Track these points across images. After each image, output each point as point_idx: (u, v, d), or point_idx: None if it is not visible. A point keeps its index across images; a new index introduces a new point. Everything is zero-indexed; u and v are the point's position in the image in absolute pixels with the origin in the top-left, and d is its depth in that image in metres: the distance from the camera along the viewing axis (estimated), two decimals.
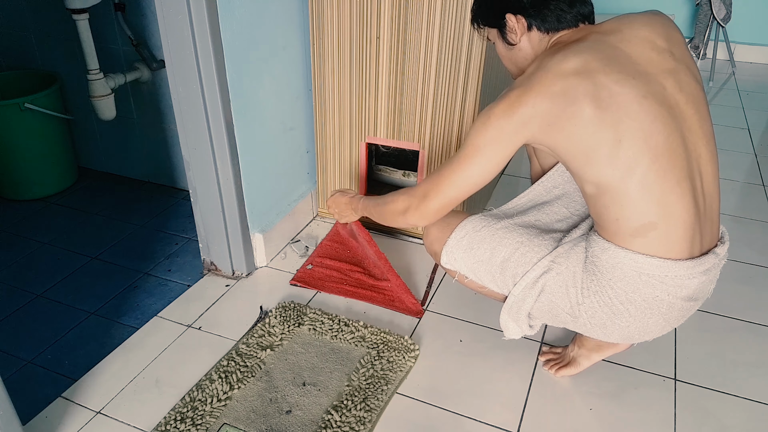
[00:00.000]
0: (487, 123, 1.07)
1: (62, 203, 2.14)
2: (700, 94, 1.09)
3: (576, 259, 1.15)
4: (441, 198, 1.17)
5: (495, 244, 1.24)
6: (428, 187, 1.19)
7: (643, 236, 1.05)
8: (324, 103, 1.79)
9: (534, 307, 1.22)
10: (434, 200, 1.18)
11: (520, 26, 1.13)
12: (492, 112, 1.07)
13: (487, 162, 1.10)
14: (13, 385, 1.36)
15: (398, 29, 1.60)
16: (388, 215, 1.32)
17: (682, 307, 1.11)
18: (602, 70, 1.01)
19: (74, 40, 2.00)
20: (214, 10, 1.37)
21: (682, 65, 1.07)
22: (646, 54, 1.05)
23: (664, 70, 1.05)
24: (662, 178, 1.02)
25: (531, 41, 1.13)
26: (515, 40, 1.14)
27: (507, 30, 1.14)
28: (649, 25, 1.09)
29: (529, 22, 1.12)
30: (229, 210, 1.63)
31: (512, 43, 1.15)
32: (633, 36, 1.06)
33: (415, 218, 1.23)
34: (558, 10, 1.09)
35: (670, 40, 1.08)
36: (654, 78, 1.03)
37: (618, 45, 1.05)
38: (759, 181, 2.31)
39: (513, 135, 1.06)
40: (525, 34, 1.13)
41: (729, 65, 3.67)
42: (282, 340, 1.47)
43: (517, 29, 1.13)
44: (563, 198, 1.31)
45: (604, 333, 1.18)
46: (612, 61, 1.02)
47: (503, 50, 1.20)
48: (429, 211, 1.20)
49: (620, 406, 1.32)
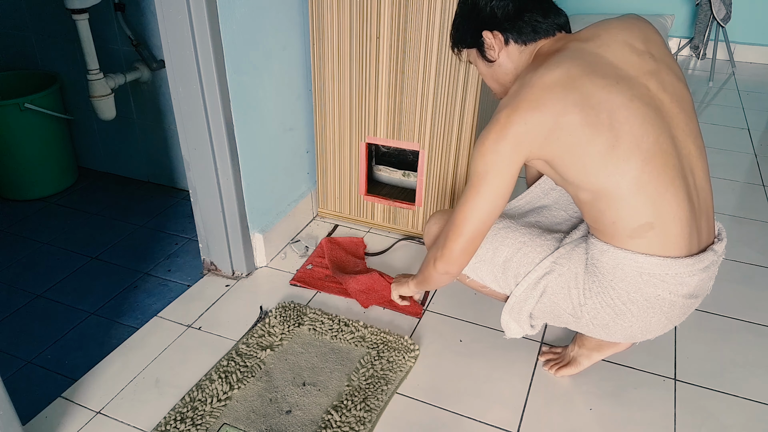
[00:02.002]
0: (483, 149, 1.07)
1: (62, 203, 2.14)
2: (684, 91, 1.10)
3: (577, 260, 1.16)
4: (462, 238, 1.14)
5: (497, 244, 1.24)
6: (447, 231, 1.16)
7: (641, 237, 1.06)
8: (324, 103, 1.79)
9: (536, 307, 1.22)
10: (456, 242, 1.14)
11: (497, 42, 1.13)
12: (486, 138, 1.07)
13: (494, 189, 1.08)
14: (13, 385, 1.36)
15: (398, 29, 1.60)
16: (430, 279, 1.27)
17: (684, 304, 1.11)
18: (587, 77, 1.01)
19: (74, 40, 2.00)
20: (214, 10, 1.37)
21: (663, 65, 1.08)
22: (626, 57, 1.06)
23: (645, 71, 1.06)
24: (656, 179, 1.03)
25: (510, 56, 1.14)
26: (494, 56, 1.15)
27: (486, 47, 1.15)
28: (627, 29, 1.10)
29: (506, 36, 1.12)
30: (229, 210, 1.63)
31: (491, 60, 1.16)
32: (611, 41, 1.07)
33: (445, 266, 1.19)
34: (533, 21, 1.10)
35: (648, 42, 1.09)
36: (636, 80, 1.04)
37: (597, 51, 1.05)
38: (759, 181, 2.31)
39: (511, 156, 1.05)
40: (503, 49, 1.14)
41: (729, 65, 3.67)
42: (282, 340, 1.47)
43: (494, 45, 1.14)
44: (561, 200, 1.33)
45: (607, 333, 1.18)
46: (594, 67, 1.03)
47: (484, 69, 1.20)
48: (454, 254, 1.16)
49: (620, 406, 1.32)
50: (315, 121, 1.84)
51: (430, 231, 1.37)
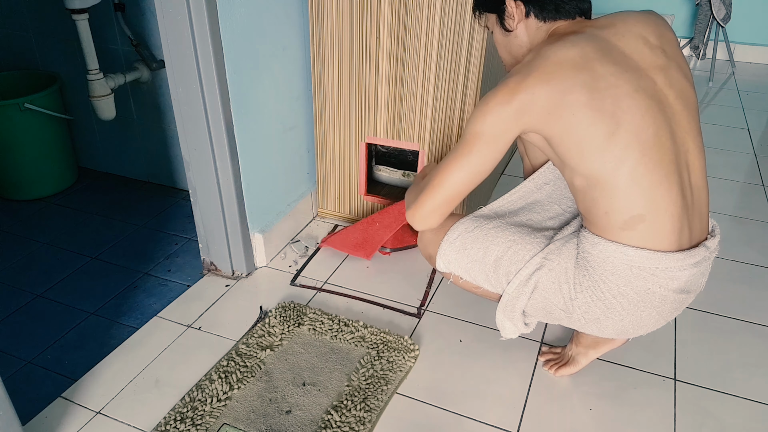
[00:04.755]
0: (485, 109, 1.07)
1: (62, 203, 2.14)
2: (690, 91, 1.11)
3: (567, 255, 1.16)
4: (438, 196, 1.16)
5: (488, 244, 1.25)
6: (425, 184, 1.18)
7: (632, 229, 1.06)
8: (324, 103, 1.79)
9: (528, 304, 1.23)
10: (430, 199, 1.17)
11: (518, 12, 1.14)
12: (491, 99, 1.06)
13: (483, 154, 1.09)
14: (13, 385, 1.36)
15: (398, 29, 1.60)
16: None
17: (675, 299, 1.12)
18: (599, 61, 1.03)
19: (74, 40, 2.00)
20: (214, 10, 1.37)
21: (673, 62, 1.10)
22: (638, 49, 1.07)
23: (654, 66, 1.07)
24: (651, 171, 1.04)
25: (527, 29, 1.15)
26: (512, 26, 1.16)
27: (506, 16, 1.16)
28: (643, 22, 1.11)
29: (528, 9, 1.14)
30: (229, 210, 1.63)
31: (509, 30, 1.17)
32: (626, 31, 1.09)
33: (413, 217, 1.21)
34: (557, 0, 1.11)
35: (662, 38, 1.11)
36: (645, 73, 1.06)
37: (611, 39, 1.07)
38: (759, 181, 2.31)
39: (512, 122, 1.06)
40: (522, 21, 1.15)
41: (729, 65, 3.67)
42: (282, 340, 1.47)
43: (515, 15, 1.15)
44: (554, 195, 1.32)
45: (599, 328, 1.18)
46: (607, 53, 1.04)
47: (500, 37, 1.21)
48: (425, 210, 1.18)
49: (620, 406, 1.32)
50: (315, 121, 1.84)
51: (423, 234, 1.38)
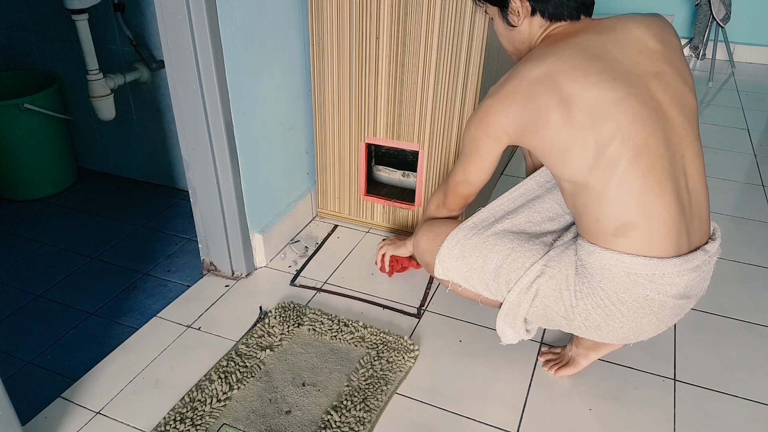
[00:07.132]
0: (468, 129, 1.20)
1: (62, 203, 2.13)
2: (688, 97, 1.09)
3: (568, 262, 1.16)
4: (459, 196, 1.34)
5: (487, 252, 1.24)
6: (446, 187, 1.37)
7: (625, 236, 1.06)
8: (323, 103, 1.79)
9: (529, 311, 1.22)
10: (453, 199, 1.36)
11: (523, 9, 1.13)
12: (471, 121, 1.18)
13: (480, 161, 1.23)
14: (13, 385, 1.36)
15: (398, 30, 1.60)
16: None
17: (675, 305, 1.11)
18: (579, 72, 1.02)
19: (74, 41, 2.00)
20: (214, 10, 1.37)
21: (672, 68, 1.08)
22: (633, 56, 1.06)
23: (648, 72, 1.06)
24: (641, 178, 1.03)
25: (531, 26, 1.15)
26: (516, 22, 1.15)
27: (509, 11, 1.15)
28: (646, 25, 1.10)
29: (533, 7, 1.12)
30: (229, 210, 1.63)
31: (513, 25, 1.16)
32: (623, 37, 1.08)
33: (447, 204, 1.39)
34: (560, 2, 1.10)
35: (664, 42, 1.09)
36: (637, 79, 1.05)
37: (605, 46, 1.06)
38: (758, 181, 2.31)
39: (492, 142, 1.16)
40: (527, 18, 1.14)
41: (728, 65, 3.67)
42: (281, 341, 1.47)
43: (520, 12, 1.14)
44: (555, 193, 1.32)
45: (599, 335, 1.18)
46: (593, 63, 1.03)
47: (503, 30, 1.21)
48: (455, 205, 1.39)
49: (620, 406, 1.32)
50: (314, 121, 1.84)
51: (421, 242, 1.38)
